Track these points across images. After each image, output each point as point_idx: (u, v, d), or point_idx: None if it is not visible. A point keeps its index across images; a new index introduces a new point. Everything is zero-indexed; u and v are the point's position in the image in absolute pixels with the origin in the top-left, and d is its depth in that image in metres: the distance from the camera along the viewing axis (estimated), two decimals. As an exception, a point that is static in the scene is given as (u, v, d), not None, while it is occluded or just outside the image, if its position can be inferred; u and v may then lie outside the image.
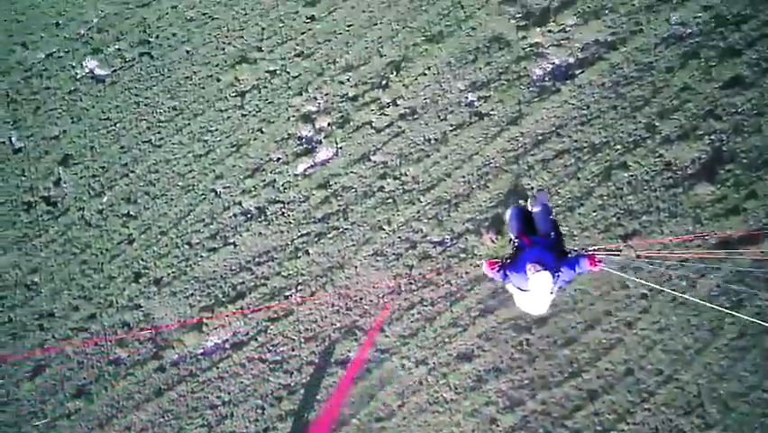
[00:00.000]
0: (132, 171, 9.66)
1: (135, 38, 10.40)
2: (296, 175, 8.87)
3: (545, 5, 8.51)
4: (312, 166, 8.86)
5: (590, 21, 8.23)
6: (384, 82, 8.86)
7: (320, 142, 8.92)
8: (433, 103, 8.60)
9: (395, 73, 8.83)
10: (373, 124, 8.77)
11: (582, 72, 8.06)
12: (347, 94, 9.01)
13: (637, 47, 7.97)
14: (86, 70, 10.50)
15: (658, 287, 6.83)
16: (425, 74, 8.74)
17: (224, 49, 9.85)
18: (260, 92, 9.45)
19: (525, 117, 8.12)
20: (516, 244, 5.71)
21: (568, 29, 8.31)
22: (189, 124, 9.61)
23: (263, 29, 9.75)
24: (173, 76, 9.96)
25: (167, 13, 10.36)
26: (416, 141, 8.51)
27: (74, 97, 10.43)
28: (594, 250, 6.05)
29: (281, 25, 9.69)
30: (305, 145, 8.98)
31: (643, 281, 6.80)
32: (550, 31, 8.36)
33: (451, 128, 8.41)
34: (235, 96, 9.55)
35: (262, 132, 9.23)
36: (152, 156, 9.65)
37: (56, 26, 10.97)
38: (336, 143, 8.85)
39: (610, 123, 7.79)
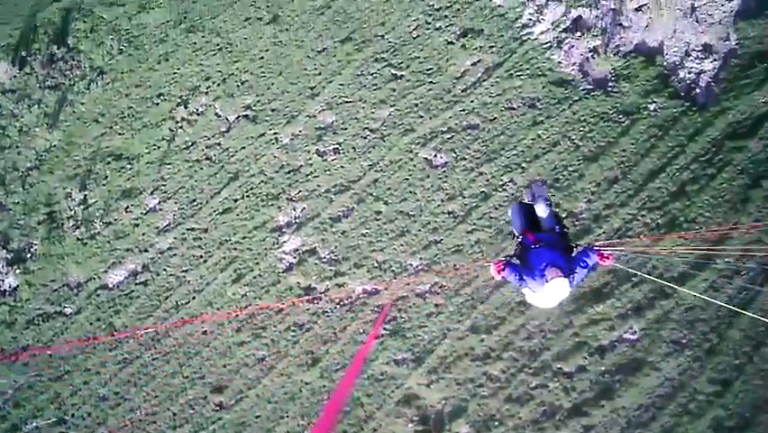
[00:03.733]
0: None
1: (51, 415, 10.44)
2: None
3: (439, 408, 8.78)
4: None
5: (483, 433, 8.52)
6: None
7: None
8: None
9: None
10: None
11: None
12: (263, 494, 9.19)
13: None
14: (10, 451, 10.54)
15: (664, 282, 7.31)
16: (336, 472, 8.96)
17: None
18: (179, 489, 9.58)
19: None
20: (519, 240, 5.55)
21: (463, 439, 8.59)
22: None
23: (174, 414, 9.88)
24: (93, 464, 10.04)
25: (80, 390, 10.43)
26: None
27: (-1, 483, 10.45)
28: (600, 245, 6.03)
29: (192, 412, 9.83)
30: None
31: (649, 276, 7.14)
32: (446, 442, 8.63)
33: None
34: (157, 490, 9.66)
35: None
36: None
37: (-30, 399, 10.97)
38: None
39: None
